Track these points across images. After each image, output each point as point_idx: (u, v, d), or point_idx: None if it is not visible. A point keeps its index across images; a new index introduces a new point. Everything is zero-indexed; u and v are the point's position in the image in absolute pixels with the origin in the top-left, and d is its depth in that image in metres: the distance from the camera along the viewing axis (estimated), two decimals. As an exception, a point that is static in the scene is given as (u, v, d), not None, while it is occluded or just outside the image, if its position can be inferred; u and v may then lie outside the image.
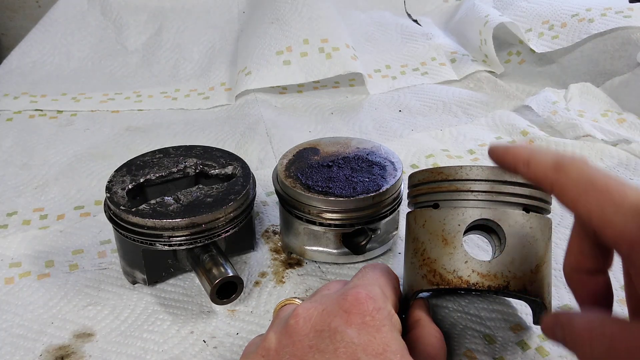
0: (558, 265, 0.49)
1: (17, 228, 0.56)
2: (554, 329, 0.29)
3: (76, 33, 0.96)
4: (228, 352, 0.42)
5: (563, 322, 0.29)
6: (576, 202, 0.28)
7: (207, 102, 0.83)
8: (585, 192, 0.27)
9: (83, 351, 0.42)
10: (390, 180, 0.48)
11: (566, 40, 0.83)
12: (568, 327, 0.28)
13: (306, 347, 0.31)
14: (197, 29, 0.97)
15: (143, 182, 0.48)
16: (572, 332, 0.28)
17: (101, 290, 0.48)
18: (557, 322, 0.29)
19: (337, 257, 0.49)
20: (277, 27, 0.87)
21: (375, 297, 0.33)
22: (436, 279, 0.37)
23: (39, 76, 0.89)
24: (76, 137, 0.73)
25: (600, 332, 0.26)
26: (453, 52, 0.92)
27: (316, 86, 0.87)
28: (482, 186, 0.38)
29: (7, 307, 0.46)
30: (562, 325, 0.29)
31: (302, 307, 0.33)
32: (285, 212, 0.49)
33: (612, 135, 0.68)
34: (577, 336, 0.28)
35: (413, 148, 0.68)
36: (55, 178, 0.64)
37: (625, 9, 0.83)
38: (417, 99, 0.82)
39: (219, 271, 0.42)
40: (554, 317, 0.30)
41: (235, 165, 0.50)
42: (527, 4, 0.90)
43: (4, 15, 1.22)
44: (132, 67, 0.92)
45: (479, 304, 0.45)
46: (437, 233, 0.38)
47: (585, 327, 0.27)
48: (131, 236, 0.44)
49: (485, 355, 0.41)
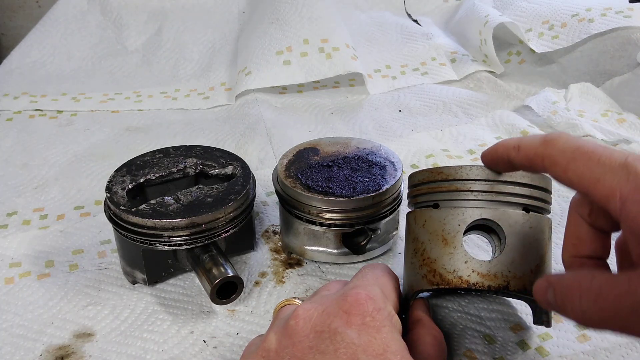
0: (558, 265, 0.49)
1: (17, 228, 0.56)
2: (546, 291, 0.30)
3: (76, 33, 0.96)
4: (228, 352, 0.42)
5: (553, 282, 0.29)
6: (566, 169, 0.29)
7: (207, 102, 0.83)
8: (573, 158, 0.29)
9: (83, 351, 0.42)
10: (390, 180, 0.48)
11: (566, 40, 0.83)
12: (558, 285, 0.29)
13: (306, 348, 0.31)
14: (197, 29, 0.97)
15: (143, 182, 0.48)
16: (562, 288, 0.29)
17: (101, 290, 0.48)
18: (548, 284, 0.30)
19: (337, 257, 0.49)
20: (277, 27, 0.87)
21: (376, 298, 0.33)
22: (436, 279, 0.37)
23: (39, 76, 0.89)
24: (76, 137, 0.73)
25: (588, 285, 0.27)
26: (453, 52, 0.92)
27: (316, 86, 0.87)
28: (482, 186, 0.38)
29: (7, 307, 0.46)
30: (553, 285, 0.29)
31: (302, 308, 0.33)
32: (285, 212, 0.49)
33: (612, 135, 0.68)
34: (567, 291, 0.28)
35: (413, 148, 0.68)
36: (55, 178, 0.64)
37: (625, 9, 0.83)
38: (417, 99, 0.82)
39: (219, 271, 0.42)
40: (545, 279, 0.30)
41: (235, 165, 0.50)
42: (527, 4, 0.90)
43: (4, 15, 1.22)
44: (132, 67, 0.92)
45: (479, 304, 0.45)
46: (437, 233, 0.38)
47: (574, 283, 0.28)
48: (131, 236, 0.44)
49: (485, 355, 0.41)
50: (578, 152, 0.29)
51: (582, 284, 0.27)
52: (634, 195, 0.26)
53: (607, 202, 0.27)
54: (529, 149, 0.32)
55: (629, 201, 0.26)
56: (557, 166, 0.30)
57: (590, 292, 0.27)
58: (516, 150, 0.32)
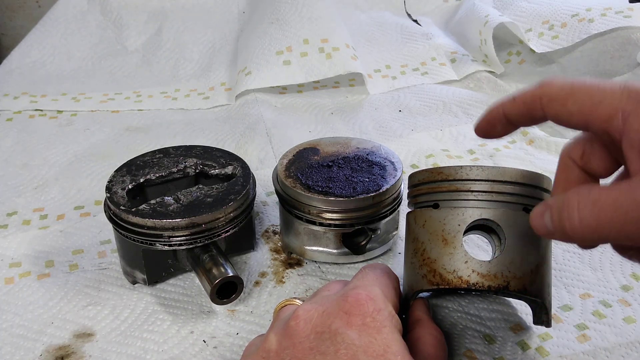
0: (558, 265, 0.49)
1: (17, 228, 0.56)
2: (542, 215, 0.30)
3: (76, 33, 0.96)
4: (228, 352, 0.42)
5: (550, 204, 0.29)
6: (565, 101, 0.29)
7: (207, 102, 0.83)
8: (571, 91, 0.29)
9: (83, 351, 0.42)
10: (390, 180, 0.48)
11: (566, 40, 0.83)
12: (555, 204, 0.29)
13: (307, 349, 0.31)
14: (197, 29, 0.97)
15: (143, 182, 0.48)
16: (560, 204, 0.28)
17: (101, 290, 0.48)
18: (545, 207, 0.30)
19: (337, 257, 0.49)
20: (277, 27, 0.87)
21: (376, 298, 0.33)
22: (436, 279, 0.37)
23: (39, 76, 0.89)
24: (76, 137, 0.73)
25: (587, 193, 0.27)
26: (453, 52, 0.92)
27: (316, 86, 0.87)
28: (482, 186, 0.38)
29: (7, 307, 0.46)
30: (550, 206, 0.29)
31: (302, 309, 0.33)
32: (285, 212, 0.49)
33: (612, 135, 0.68)
34: (565, 205, 0.28)
35: (413, 148, 0.68)
36: (55, 178, 0.64)
37: (625, 9, 0.83)
38: (417, 99, 0.82)
39: (219, 271, 0.42)
40: (542, 204, 0.30)
41: (235, 165, 0.50)
42: (527, 4, 0.90)
43: (4, 15, 1.22)
44: (132, 67, 0.92)
45: (479, 304, 0.45)
46: (437, 233, 0.38)
47: (572, 196, 0.28)
48: (131, 236, 0.44)
49: (485, 355, 0.41)
50: (576, 85, 0.29)
51: (580, 194, 0.28)
52: (637, 109, 0.27)
53: (609, 123, 0.28)
54: (525, 94, 0.31)
55: (632, 115, 0.27)
56: (555, 101, 0.30)
57: (588, 199, 0.27)
58: (512, 101, 0.32)
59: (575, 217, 0.27)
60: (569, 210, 0.28)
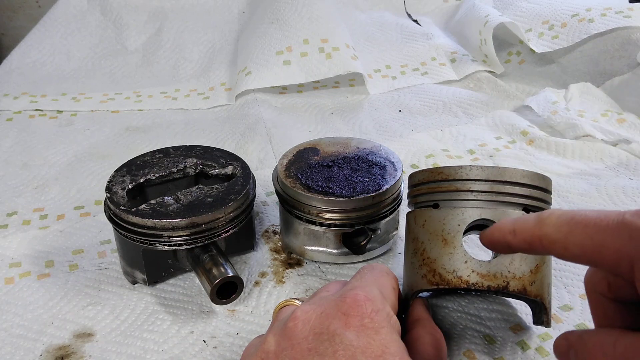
0: (558, 265, 0.49)
1: (17, 228, 0.56)
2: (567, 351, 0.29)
3: (76, 33, 0.96)
4: (228, 352, 0.42)
5: (573, 342, 0.29)
6: (566, 244, 0.28)
7: (207, 102, 0.83)
8: (570, 231, 0.28)
9: (83, 351, 0.42)
10: (390, 180, 0.48)
11: (566, 40, 0.83)
12: (580, 346, 0.28)
13: (305, 350, 0.31)
14: (197, 29, 0.97)
15: (143, 182, 0.48)
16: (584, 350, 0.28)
17: (101, 290, 0.48)
18: (568, 344, 0.29)
19: (337, 257, 0.49)
20: (277, 27, 0.87)
21: (374, 299, 0.33)
22: (436, 279, 0.37)
23: (39, 76, 0.89)
24: (76, 137, 0.73)
25: (612, 346, 0.26)
26: (453, 52, 0.92)
27: (316, 86, 0.87)
28: (482, 186, 0.38)
29: (7, 307, 0.46)
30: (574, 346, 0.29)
31: (300, 310, 0.33)
32: (285, 212, 0.49)
33: (612, 135, 0.68)
34: (589, 354, 0.28)
35: (413, 148, 0.69)
36: (55, 178, 0.64)
37: (625, 9, 0.83)
38: (417, 99, 0.82)
39: (219, 271, 0.42)
40: (564, 339, 0.30)
41: (235, 165, 0.50)
42: (527, 4, 0.90)
43: (4, 15, 1.22)
44: (132, 67, 0.92)
45: (479, 304, 0.45)
46: (437, 233, 0.38)
47: (597, 344, 0.27)
48: (131, 236, 0.44)
49: (485, 355, 0.41)
50: (573, 224, 0.28)
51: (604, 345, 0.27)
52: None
53: (617, 269, 0.26)
54: (525, 232, 0.30)
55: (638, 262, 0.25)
56: (556, 244, 0.28)
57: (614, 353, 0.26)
58: (512, 235, 0.31)
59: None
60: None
